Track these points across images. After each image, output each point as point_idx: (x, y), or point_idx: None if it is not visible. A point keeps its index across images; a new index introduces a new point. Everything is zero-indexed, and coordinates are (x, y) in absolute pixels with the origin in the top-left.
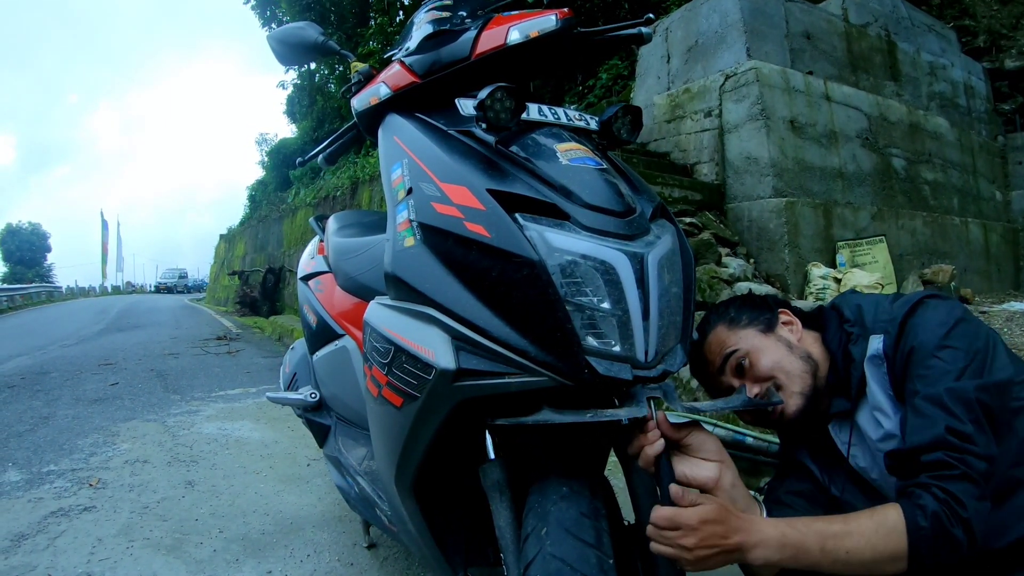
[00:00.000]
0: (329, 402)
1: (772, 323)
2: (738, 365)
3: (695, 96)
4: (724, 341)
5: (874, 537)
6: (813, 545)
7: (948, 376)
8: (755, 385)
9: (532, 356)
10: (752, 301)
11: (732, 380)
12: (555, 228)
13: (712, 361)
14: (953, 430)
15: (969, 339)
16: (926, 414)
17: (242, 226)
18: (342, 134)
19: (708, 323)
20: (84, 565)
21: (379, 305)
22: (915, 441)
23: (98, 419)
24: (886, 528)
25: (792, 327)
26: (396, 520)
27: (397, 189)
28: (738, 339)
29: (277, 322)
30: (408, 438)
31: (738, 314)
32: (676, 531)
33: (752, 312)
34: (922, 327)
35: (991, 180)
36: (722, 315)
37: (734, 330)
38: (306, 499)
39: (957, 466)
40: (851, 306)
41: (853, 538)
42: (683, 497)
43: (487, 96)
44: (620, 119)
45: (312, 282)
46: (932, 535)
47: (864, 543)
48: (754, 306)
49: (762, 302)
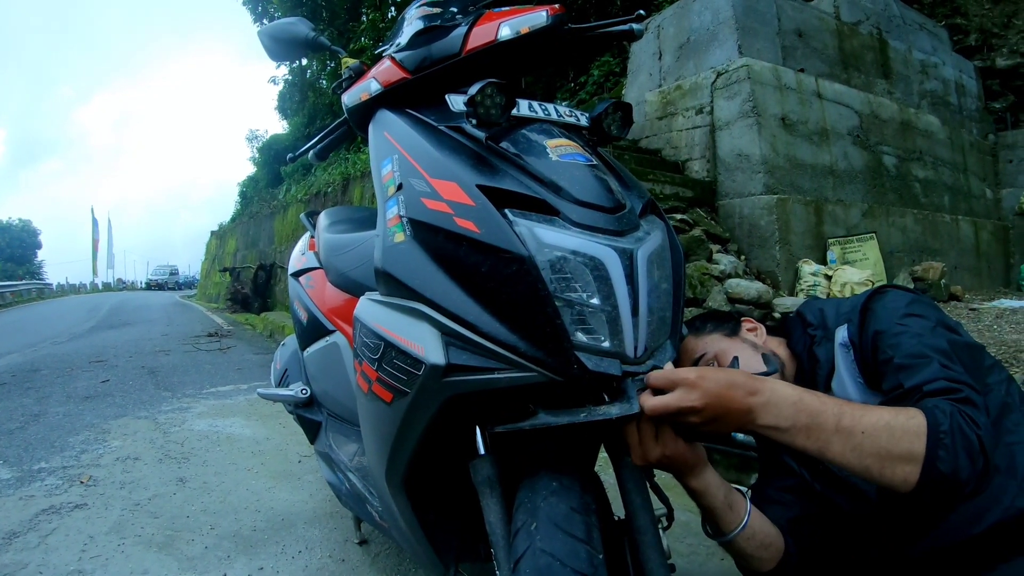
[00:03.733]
0: (320, 398)
1: (736, 329)
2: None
3: (687, 93)
4: (692, 349)
5: (894, 423)
6: (830, 416)
7: (919, 337)
8: None
9: (522, 352)
10: (715, 313)
11: None
12: (545, 224)
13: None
14: (947, 367)
15: (931, 310)
16: (913, 365)
17: (233, 223)
18: (332, 130)
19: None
20: (75, 563)
21: (369, 301)
22: (915, 381)
23: (89, 416)
24: (906, 418)
25: (756, 332)
26: (387, 516)
27: (387, 185)
28: (704, 344)
29: (268, 319)
30: (398, 434)
31: (702, 324)
32: (675, 392)
33: (715, 321)
34: (882, 308)
35: (982, 178)
36: (690, 325)
37: (700, 337)
38: (298, 495)
39: (961, 389)
40: (813, 311)
41: (871, 418)
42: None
43: (477, 92)
44: (611, 115)
45: (303, 278)
46: (952, 435)
47: (883, 427)
48: (717, 316)
49: (725, 314)
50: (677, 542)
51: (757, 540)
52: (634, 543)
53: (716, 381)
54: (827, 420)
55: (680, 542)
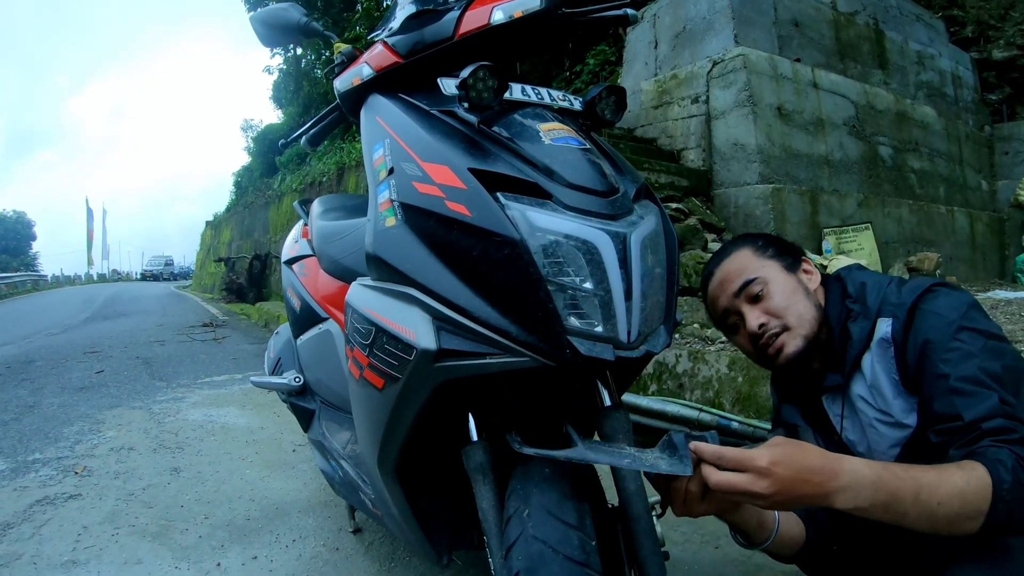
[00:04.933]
0: (313, 386)
1: (795, 265)
2: (755, 294)
3: (682, 82)
4: (747, 265)
5: (966, 488)
6: (908, 493)
7: (974, 358)
8: (763, 316)
9: (513, 336)
10: (781, 240)
11: (743, 305)
12: (537, 207)
13: (729, 280)
14: (1005, 401)
15: (983, 319)
16: (970, 392)
17: (228, 213)
18: (325, 115)
19: (733, 244)
20: (70, 553)
21: (360, 286)
22: (974, 415)
23: (84, 407)
24: (975, 480)
25: (811, 277)
26: (380, 504)
27: (379, 169)
28: (761, 267)
29: (263, 308)
30: (390, 420)
31: (765, 246)
32: (744, 476)
33: (779, 248)
34: (935, 315)
35: (977, 170)
36: (750, 241)
37: (759, 258)
38: (292, 484)
39: (1016, 429)
40: (855, 282)
41: (945, 488)
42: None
43: (469, 75)
44: (604, 99)
45: (296, 266)
46: (1012, 488)
47: (956, 494)
48: (782, 244)
49: (789, 245)
50: (671, 530)
51: (783, 542)
52: (627, 530)
53: (790, 467)
54: (905, 496)
55: (674, 530)
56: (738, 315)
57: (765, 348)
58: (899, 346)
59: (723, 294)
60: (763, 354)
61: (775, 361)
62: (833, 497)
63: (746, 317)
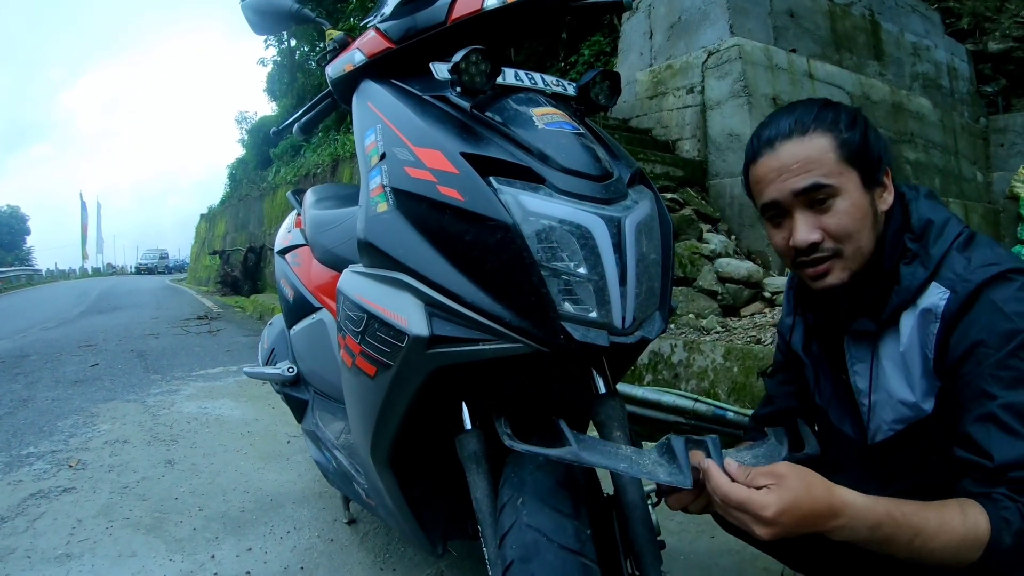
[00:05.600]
0: (307, 376)
1: (875, 182)
2: (820, 200)
3: (677, 73)
4: (822, 163)
5: (962, 543)
6: (904, 538)
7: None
8: (818, 232)
9: (507, 322)
10: (868, 134)
11: (797, 208)
12: (530, 192)
13: (791, 172)
14: None
15: None
16: (1010, 427)
17: (223, 205)
18: (317, 103)
19: (808, 117)
20: (64, 546)
21: (352, 273)
22: (1005, 458)
23: (78, 400)
24: (973, 535)
25: (886, 195)
26: (373, 494)
27: (370, 155)
28: (839, 173)
29: (258, 301)
30: (383, 408)
31: (852, 139)
32: (745, 515)
33: (865, 151)
34: (999, 314)
35: (973, 161)
36: (833, 125)
37: (840, 160)
38: (286, 476)
39: None
40: (919, 214)
41: (942, 539)
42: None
43: (462, 59)
44: (598, 84)
45: (289, 256)
46: (1009, 555)
47: (951, 546)
48: (869, 145)
49: (877, 141)
50: (667, 519)
51: None
52: (623, 519)
53: (794, 515)
54: (901, 540)
55: (670, 519)
56: (786, 215)
57: (804, 265)
58: (947, 325)
59: (777, 183)
60: (798, 268)
61: (811, 282)
62: (830, 532)
63: (797, 225)
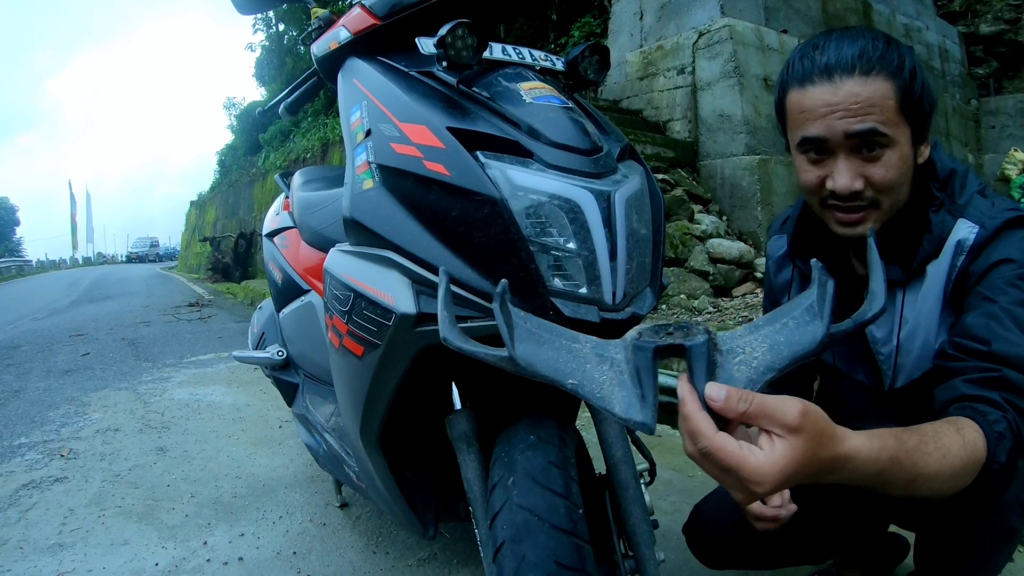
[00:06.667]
0: (296, 359)
1: (923, 137)
2: (869, 144)
3: (668, 53)
4: (882, 109)
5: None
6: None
7: None
8: (861, 181)
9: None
10: (927, 86)
11: (843, 151)
12: (518, 166)
13: (847, 112)
14: None
15: None
16: (1009, 328)
17: (213, 192)
18: (302, 82)
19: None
20: (56, 536)
21: (339, 252)
22: (1003, 350)
23: (69, 390)
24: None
25: (925, 148)
26: (363, 476)
27: (356, 132)
28: (896, 124)
29: (249, 287)
30: (371, 389)
31: (913, 90)
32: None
33: (922, 107)
34: (1019, 244)
35: (964, 143)
36: (897, 74)
37: (899, 110)
38: (278, 461)
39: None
40: (942, 164)
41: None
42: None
43: (447, 32)
44: (587, 59)
45: (277, 238)
46: (1003, 473)
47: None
48: (925, 100)
49: (930, 94)
50: (660, 499)
51: None
52: (615, 498)
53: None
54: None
55: (664, 499)
56: (828, 154)
57: (835, 209)
58: (972, 256)
59: (830, 119)
60: (826, 209)
61: (839, 227)
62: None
63: (840, 169)
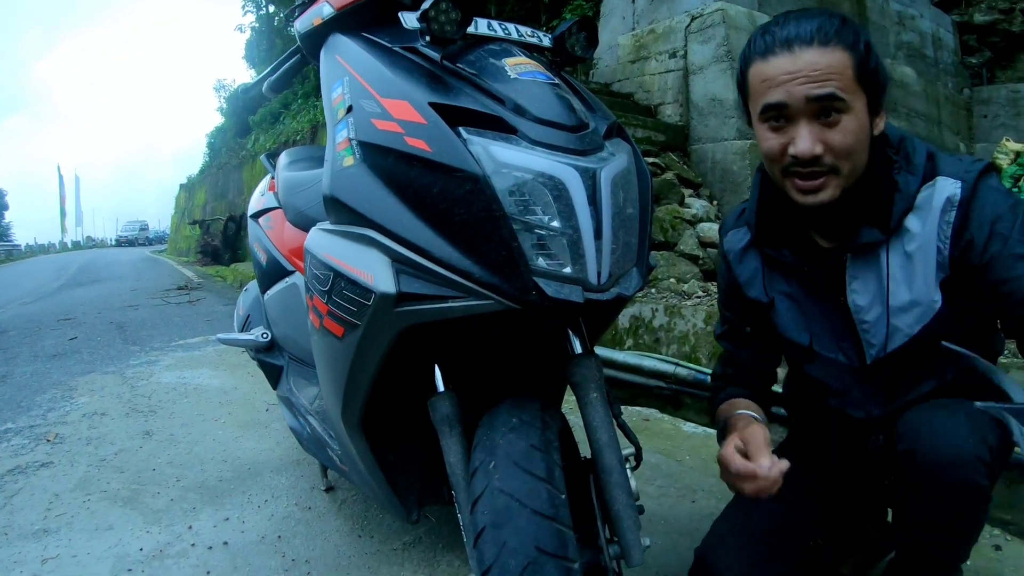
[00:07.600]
0: (281, 341)
1: (878, 108)
2: (827, 110)
3: (660, 37)
4: (840, 77)
5: None
6: None
7: None
8: (820, 146)
9: (476, 278)
10: (880, 63)
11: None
12: (501, 142)
13: (808, 79)
14: None
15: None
16: None
17: (202, 175)
18: (285, 59)
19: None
20: (40, 522)
21: (319, 231)
22: None
23: (56, 374)
24: None
25: (880, 121)
26: (346, 459)
27: (337, 108)
28: (854, 91)
29: (239, 270)
30: (352, 370)
31: (868, 62)
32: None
33: (877, 79)
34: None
35: (955, 132)
36: (853, 47)
37: (855, 79)
38: (264, 444)
39: None
40: (894, 133)
41: None
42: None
43: (431, 6)
44: (574, 35)
45: (262, 219)
46: None
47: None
48: (880, 74)
49: (884, 77)
50: (646, 484)
51: None
52: (600, 483)
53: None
54: None
55: (650, 484)
56: (788, 121)
57: (796, 176)
58: (962, 212)
59: (790, 86)
60: (787, 176)
61: (800, 196)
62: None
63: (801, 133)
